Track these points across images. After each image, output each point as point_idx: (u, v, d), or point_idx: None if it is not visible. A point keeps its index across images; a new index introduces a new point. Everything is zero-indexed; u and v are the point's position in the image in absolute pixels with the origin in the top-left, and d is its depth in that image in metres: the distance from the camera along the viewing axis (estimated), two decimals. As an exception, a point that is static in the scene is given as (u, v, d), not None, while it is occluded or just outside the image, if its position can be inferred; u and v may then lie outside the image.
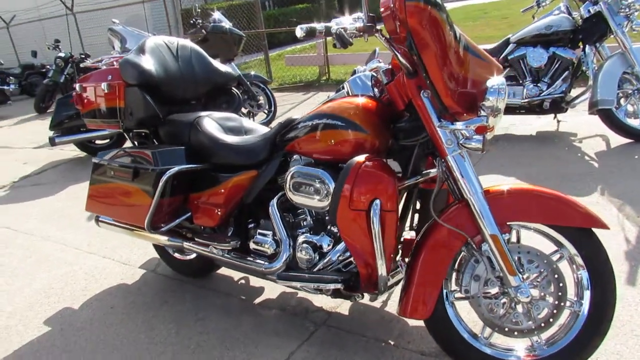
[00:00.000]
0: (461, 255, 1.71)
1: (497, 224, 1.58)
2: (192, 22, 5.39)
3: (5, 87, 10.34)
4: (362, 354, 1.90)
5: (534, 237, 1.66)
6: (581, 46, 3.89)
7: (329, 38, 1.65)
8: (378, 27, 1.60)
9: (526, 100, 4.00)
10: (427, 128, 1.61)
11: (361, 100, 1.79)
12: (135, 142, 2.56)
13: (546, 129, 4.35)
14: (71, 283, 2.71)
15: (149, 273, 2.73)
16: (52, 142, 5.00)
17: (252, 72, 6.09)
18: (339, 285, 1.78)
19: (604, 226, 1.58)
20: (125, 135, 2.58)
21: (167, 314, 2.32)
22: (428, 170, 1.78)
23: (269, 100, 5.83)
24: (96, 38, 12.28)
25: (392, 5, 1.45)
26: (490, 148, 3.98)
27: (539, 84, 3.98)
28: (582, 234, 1.61)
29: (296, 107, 6.78)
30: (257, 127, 2.38)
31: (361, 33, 1.55)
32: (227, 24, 5.48)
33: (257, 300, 2.36)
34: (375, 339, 1.98)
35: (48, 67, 9.37)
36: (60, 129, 4.99)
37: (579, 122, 4.31)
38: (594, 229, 1.60)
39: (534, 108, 4.05)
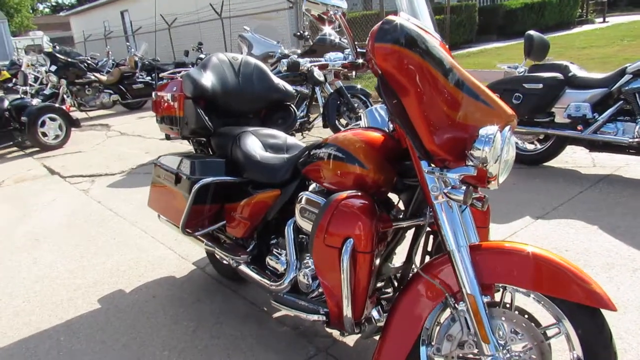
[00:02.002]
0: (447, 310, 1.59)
1: (479, 284, 1.44)
2: (298, 34, 5.62)
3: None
4: (345, 390, 1.87)
5: (535, 305, 1.49)
6: None
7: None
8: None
9: (637, 139, 3.50)
10: (417, 171, 1.53)
11: (370, 135, 1.75)
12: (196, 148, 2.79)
13: (664, 174, 3.76)
14: (134, 268, 3.04)
15: (198, 270, 2.95)
16: (167, 137, 5.55)
17: (358, 85, 6.17)
18: (322, 317, 1.77)
19: (608, 307, 1.36)
20: (189, 141, 2.82)
21: (194, 312, 2.49)
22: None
23: (368, 113, 5.84)
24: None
25: (368, 47, 1.41)
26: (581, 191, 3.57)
27: (654, 123, 3.46)
28: (582, 310, 1.40)
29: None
30: (298, 146, 2.44)
31: (346, 69, 1.52)
32: (335, 37, 5.62)
33: (276, 314, 2.42)
34: (365, 377, 1.93)
35: (190, 66, 10.42)
36: (175, 125, 5.52)
37: None
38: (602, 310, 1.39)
39: (645, 149, 3.53)
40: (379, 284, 1.99)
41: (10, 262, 3.29)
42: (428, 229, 1.77)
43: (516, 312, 1.51)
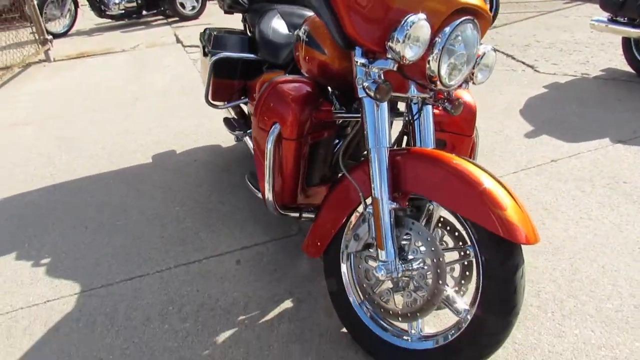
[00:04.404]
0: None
1: (392, 189, 1.36)
2: None
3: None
4: (298, 271, 1.96)
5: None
6: None
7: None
8: None
9: None
10: (352, 60, 1.41)
11: None
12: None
13: None
14: (193, 133, 3.34)
15: (242, 144, 3.06)
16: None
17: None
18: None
19: (516, 239, 1.19)
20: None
21: (218, 179, 2.72)
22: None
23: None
24: None
25: None
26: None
27: None
28: (493, 238, 1.25)
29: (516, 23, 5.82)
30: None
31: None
32: None
33: (284, 194, 2.52)
34: (324, 263, 1.99)
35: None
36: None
37: None
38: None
39: None
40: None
41: (109, 114, 3.84)
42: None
43: (433, 227, 1.41)
